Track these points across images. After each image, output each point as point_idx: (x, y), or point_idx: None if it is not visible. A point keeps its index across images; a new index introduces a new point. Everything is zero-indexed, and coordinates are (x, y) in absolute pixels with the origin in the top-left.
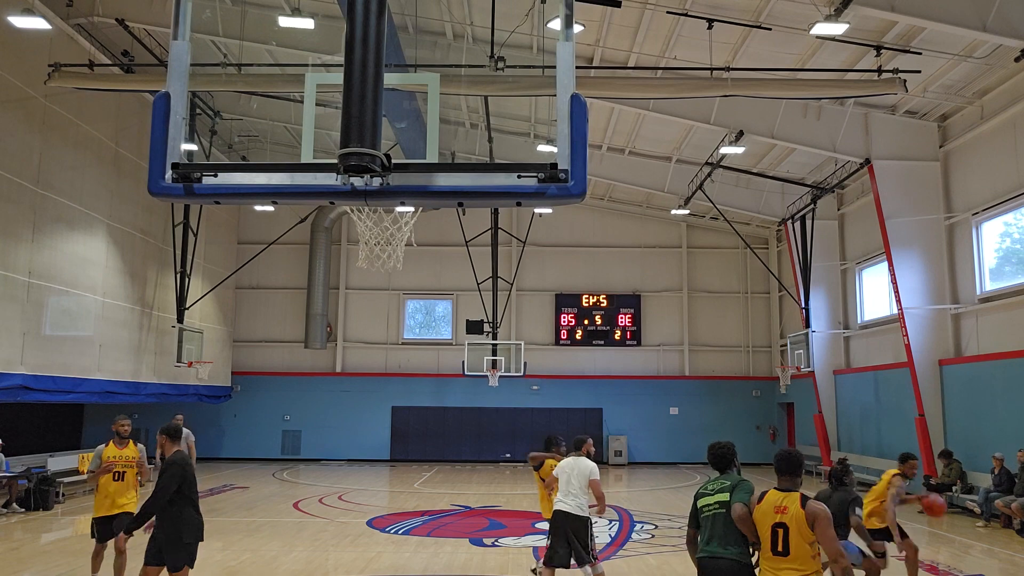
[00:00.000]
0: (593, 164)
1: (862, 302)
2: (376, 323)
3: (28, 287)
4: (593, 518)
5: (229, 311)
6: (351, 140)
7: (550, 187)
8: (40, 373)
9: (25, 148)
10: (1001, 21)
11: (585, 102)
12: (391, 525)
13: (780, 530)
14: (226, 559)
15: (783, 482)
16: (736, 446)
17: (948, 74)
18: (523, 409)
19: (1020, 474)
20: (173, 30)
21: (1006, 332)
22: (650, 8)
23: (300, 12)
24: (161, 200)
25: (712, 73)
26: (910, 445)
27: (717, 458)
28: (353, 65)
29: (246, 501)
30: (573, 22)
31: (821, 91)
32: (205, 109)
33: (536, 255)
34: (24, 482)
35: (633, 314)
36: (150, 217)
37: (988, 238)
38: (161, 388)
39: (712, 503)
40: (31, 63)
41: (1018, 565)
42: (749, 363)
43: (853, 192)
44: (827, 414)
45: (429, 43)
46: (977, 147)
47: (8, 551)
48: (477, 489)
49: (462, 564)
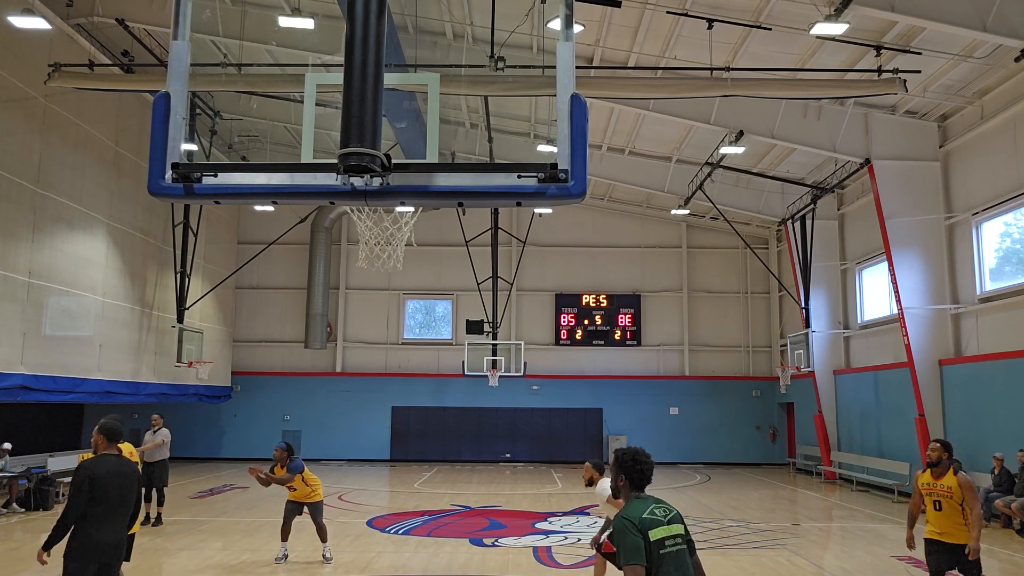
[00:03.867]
0: (593, 164)
1: (862, 302)
2: (376, 323)
3: (28, 287)
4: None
5: (229, 311)
6: (351, 140)
7: (550, 187)
8: (40, 373)
9: (25, 148)
10: (1001, 21)
11: (585, 102)
12: (391, 525)
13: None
14: (226, 559)
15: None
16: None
17: (948, 74)
18: (523, 409)
19: (1020, 474)
20: (173, 30)
21: (1006, 332)
22: (650, 8)
23: (300, 12)
24: (161, 200)
25: (712, 73)
26: (910, 445)
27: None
28: (353, 65)
29: (246, 501)
30: (573, 22)
31: (821, 91)
32: (205, 109)
33: (536, 255)
34: (24, 482)
35: (633, 314)
36: (150, 217)
37: (988, 238)
38: (161, 388)
39: (672, 536)
40: (31, 63)
41: (1018, 565)
42: (749, 363)
43: (853, 192)
44: (827, 414)
45: (429, 43)
46: (977, 147)
47: (8, 551)
48: (477, 489)
49: (462, 564)
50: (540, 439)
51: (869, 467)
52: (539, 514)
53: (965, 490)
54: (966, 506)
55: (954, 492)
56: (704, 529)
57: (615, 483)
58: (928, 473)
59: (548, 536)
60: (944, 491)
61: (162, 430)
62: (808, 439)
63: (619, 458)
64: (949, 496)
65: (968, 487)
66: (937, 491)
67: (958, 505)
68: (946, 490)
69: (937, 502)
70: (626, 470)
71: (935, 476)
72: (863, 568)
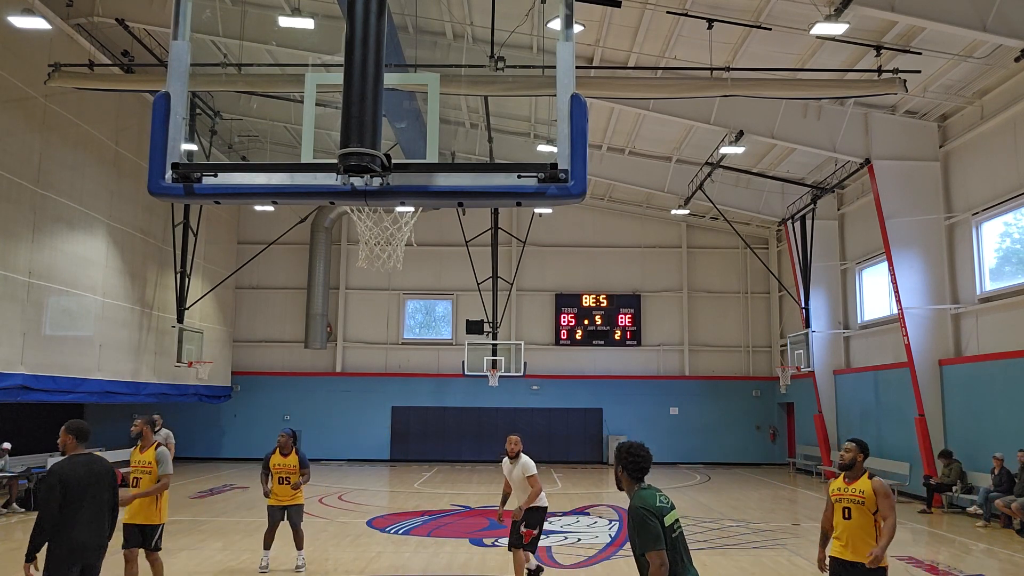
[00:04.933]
0: (593, 164)
1: (862, 302)
2: (376, 323)
3: (28, 287)
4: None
5: (229, 311)
6: (351, 140)
7: (550, 187)
8: (40, 373)
9: (25, 148)
10: (1001, 21)
11: (585, 102)
12: (391, 525)
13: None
14: (226, 559)
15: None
16: (736, 446)
17: (948, 74)
18: (523, 409)
19: (1020, 474)
20: (173, 30)
21: (1006, 332)
22: (650, 8)
23: (300, 12)
24: (161, 200)
25: (712, 73)
26: (910, 445)
27: (646, 462)
28: (353, 65)
29: (246, 501)
30: (573, 22)
31: (821, 91)
32: (205, 109)
33: (536, 255)
34: (24, 482)
35: (633, 314)
36: (150, 217)
37: (988, 238)
38: (161, 388)
39: (676, 520)
40: (31, 63)
41: (1018, 565)
42: (749, 363)
43: (853, 192)
44: (827, 414)
45: (429, 43)
46: (977, 147)
47: (8, 551)
48: (477, 489)
49: (462, 564)
50: (540, 439)
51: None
52: None
53: (880, 497)
54: (879, 517)
55: (867, 498)
56: (704, 529)
57: (617, 475)
58: (840, 478)
59: (548, 536)
60: (856, 496)
61: (162, 431)
62: (808, 439)
63: (617, 451)
64: (860, 502)
65: (884, 495)
66: (847, 496)
67: (870, 514)
68: (858, 495)
69: (847, 509)
70: (623, 461)
71: (847, 480)
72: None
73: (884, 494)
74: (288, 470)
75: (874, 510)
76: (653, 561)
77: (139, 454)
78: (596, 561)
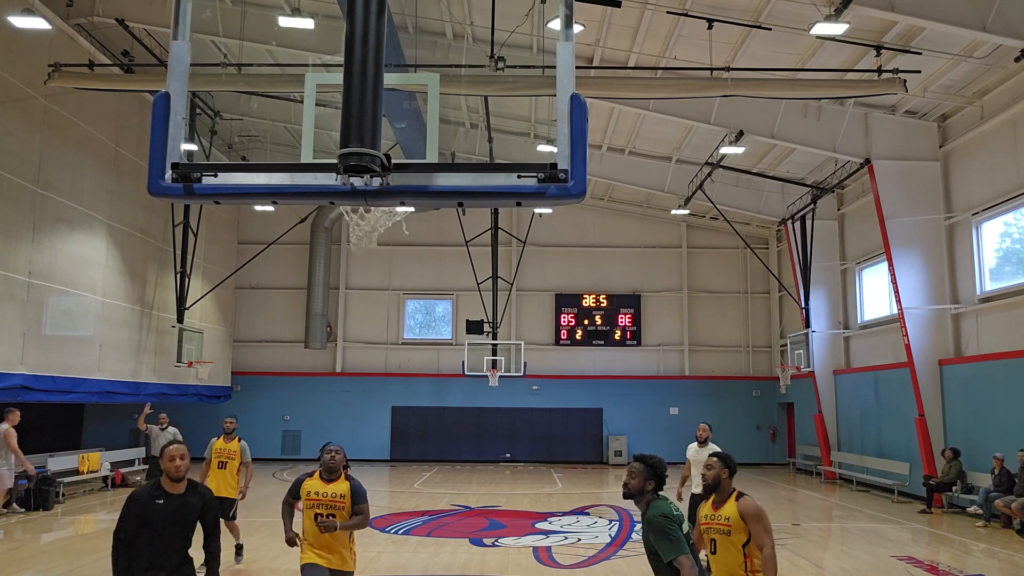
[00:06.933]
0: (593, 164)
1: (862, 302)
2: (376, 323)
3: (28, 287)
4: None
5: (229, 311)
6: (351, 140)
7: (550, 187)
8: (40, 373)
9: (25, 148)
10: (1001, 21)
11: (585, 102)
12: (391, 525)
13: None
14: (226, 559)
15: None
16: (736, 446)
17: (948, 74)
18: (523, 409)
19: (1020, 474)
20: (173, 30)
21: (1006, 332)
22: (650, 8)
23: (300, 12)
24: (161, 200)
25: (712, 73)
26: (910, 445)
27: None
28: (353, 65)
29: (246, 501)
30: (573, 22)
31: (821, 91)
32: (205, 109)
33: (536, 255)
34: (24, 482)
35: (633, 314)
36: (150, 217)
37: (988, 238)
38: (161, 388)
39: (688, 528)
40: (31, 63)
41: (1018, 565)
42: (749, 363)
43: (853, 192)
44: (827, 414)
45: (429, 43)
46: (977, 147)
47: (8, 551)
48: (477, 489)
49: (462, 564)
50: (540, 439)
51: (869, 467)
52: (539, 514)
53: (750, 521)
54: (752, 546)
55: (733, 525)
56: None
57: (643, 486)
58: (709, 502)
59: (548, 536)
60: (721, 525)
61: (169, 428)
62: (808, 439)
63: (652, 465)
64: (726, 532)
65: (754, 517)
66: (714, 526)
67: (739, 548)
68: (723, 523)
69: (712, 542)
70: (658, 477)
71: (715, 506)
72: (863, 568)
73: (754, 516)
74: (334, 502)
75: (745, 540)
76: (684, 564)
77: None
78: (596, 561)
